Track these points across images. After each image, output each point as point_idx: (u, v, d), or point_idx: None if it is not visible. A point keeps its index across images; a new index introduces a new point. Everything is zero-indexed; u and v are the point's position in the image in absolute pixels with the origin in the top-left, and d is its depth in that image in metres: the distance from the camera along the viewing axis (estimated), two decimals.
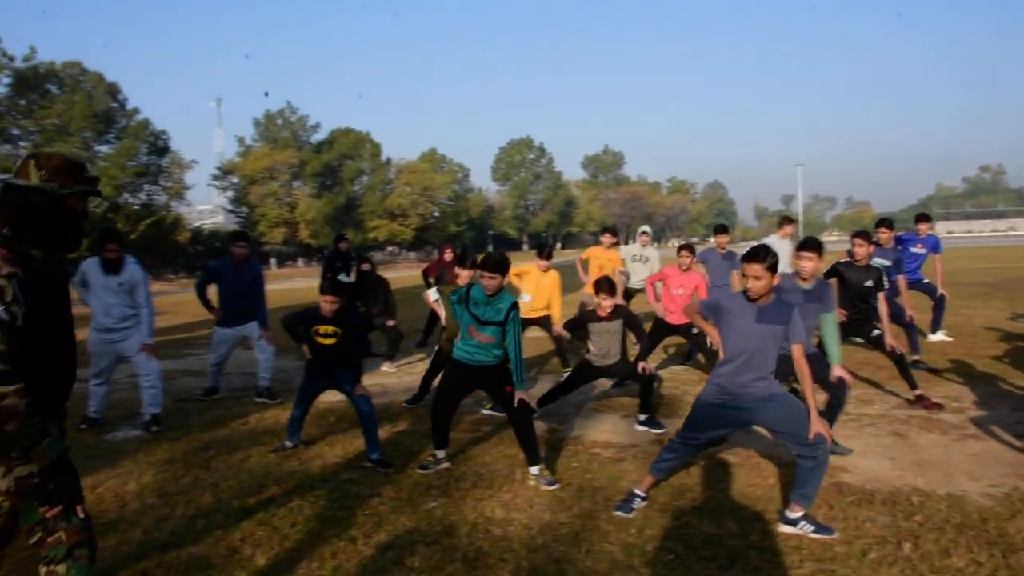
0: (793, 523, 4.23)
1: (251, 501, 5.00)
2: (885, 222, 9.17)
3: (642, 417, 6.61)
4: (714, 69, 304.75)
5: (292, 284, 36.99)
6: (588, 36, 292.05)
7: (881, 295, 6.85)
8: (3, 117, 45.22)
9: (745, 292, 4.41)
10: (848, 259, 7.07)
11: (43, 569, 2.78)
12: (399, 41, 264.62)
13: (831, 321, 5.61)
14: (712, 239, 10.45)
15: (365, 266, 11.10)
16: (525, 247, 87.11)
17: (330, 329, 5.94)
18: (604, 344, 6.72)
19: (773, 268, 4.32)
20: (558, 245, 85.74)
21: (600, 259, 10.97)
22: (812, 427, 4.20)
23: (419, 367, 9.96)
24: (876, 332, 6.93)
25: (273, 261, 62.91)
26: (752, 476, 5.22)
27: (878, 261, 8.02)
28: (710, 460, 5.54)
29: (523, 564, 3.88)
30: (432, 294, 7.73)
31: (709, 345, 7.91)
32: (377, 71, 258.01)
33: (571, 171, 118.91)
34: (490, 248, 57.01)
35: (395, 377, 9.69)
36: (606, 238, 11.25)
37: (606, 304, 6.59)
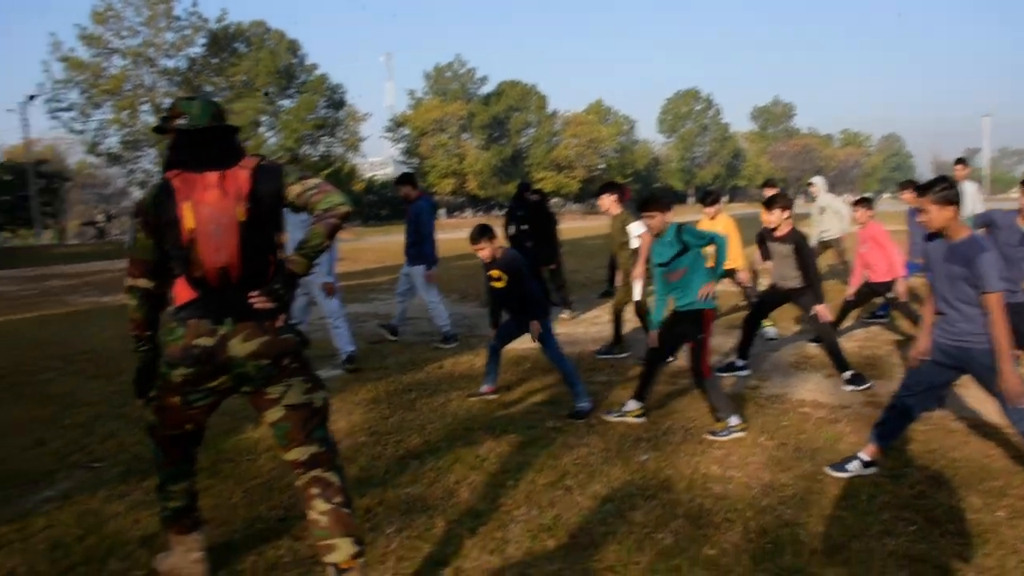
0: None
1: (459, 444, 5.06)
2: None
3: (847, 375, 6.24)
4: (889, 11, 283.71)
5: (461, 234, 37.73)
6: None
7: None
8: (199, 75, 48.23)
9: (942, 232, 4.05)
10: None
11: (316, 473, 2.99)
12: None
13: None
14: (900, 195, 9.62)
15: (533, 196, 10.97)
16: (691, 200, 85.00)
17: (496, 273, 5.92)
18: (778, 267, 6.58)
19: (944, 200, 3.92)
20: (725, 198, 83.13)
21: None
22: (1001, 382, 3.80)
23: (604, 317, 9.86)
24: None
25: (443, 211, 64.42)
26: (986, 446, 4.79)
27: None
28: (936, 426, 5.14)
29: (751, 525, 3.71)
30: (636, 227, 7.49)
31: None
32: (543, 21, 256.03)
33: (739, 123, 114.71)
34: None
35: (581, 326, 9.66)
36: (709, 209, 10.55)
37: (770, 219, 6.49)
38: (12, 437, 5.72)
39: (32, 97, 44.75)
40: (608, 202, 7.84)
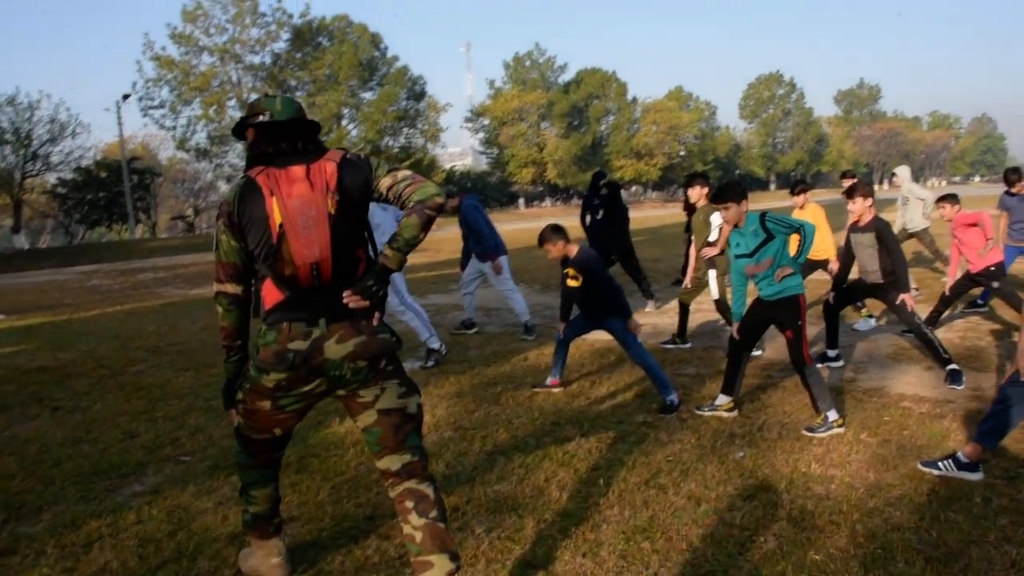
0: None
1: (547, 440, 4.98)
2: None
3: (948, 368, 5.91)
4: None
5: (540, 223, 37.65)
6: None
7: None
8: (283, 70, 49.30)
9: None
10: None
11: (410, 484, 2.88)
12: None
13: None
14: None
15: (604, 190, 10.86)
16: (772, 187, 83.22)
17: (572, 271, 5.79)
18: (861, 259, 6.29)
19: None
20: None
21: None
22: None
23: (674, 305, 9.65)
24: None
25: (521, 201, 64.45)
26: None
27: None
28: None
29: (858, 529, 3.53)
30: (717, 218, 7.27)
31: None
32: (622, 7, 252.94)
33: (823, 107, 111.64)
34: None
35: (666, 316, 9.50)
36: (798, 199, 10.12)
37: (853, 208, 6.22)
38: (106, 429, 5.85)
39: (126, 96, 46.34)
40: (697, 194, 7.65)
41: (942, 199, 7.41)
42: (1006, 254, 8.33)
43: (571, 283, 5.80)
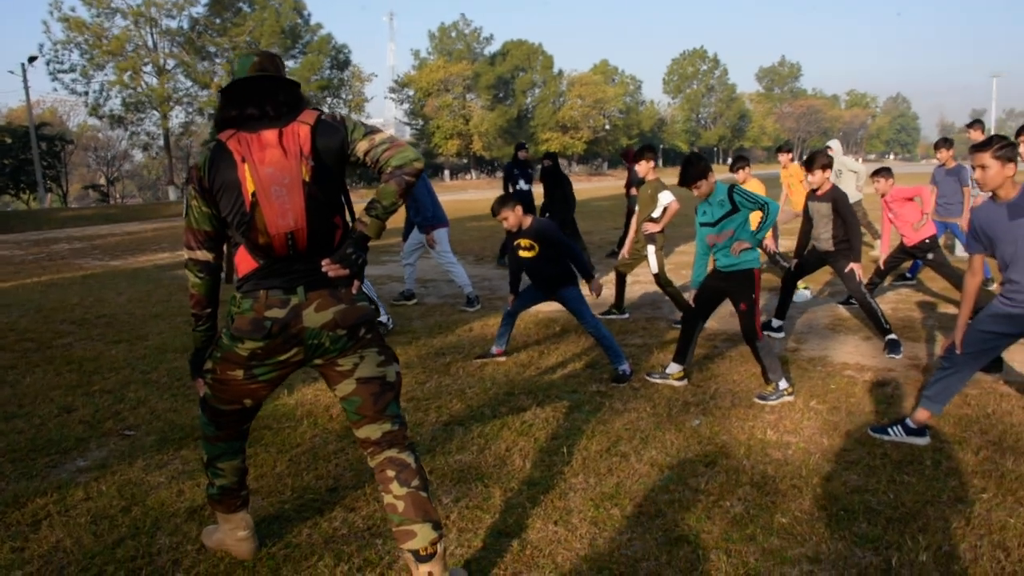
0: None
1: (503, 410, 4.96)
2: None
3: (887, 339, 6.11)
4: None
5: (466, 195, 37.59)
6: None
7: None
8: (202, 36, 47.76)
9: (993, 196, 3.99)
10: None
11: (391, 453, 2.82)
12: None
13: None
14: (937, 155, 9.42)
15: (547, 162, 11.10)
16: None
17: (526, 242, 5.77)
18: (816, 227, 6.49)
19: (1006, 157, 3.86)
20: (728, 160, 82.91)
21: (788, 178, 10.27)
22: None
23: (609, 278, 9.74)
24: None
25: (447, 173, 64.07)
26: None
27: None
28: (987, 391, 5.04)
29: (819, 492, 3.61)
30: (665, 196, 7.33)
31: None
32: None
33: (745, 84, 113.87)
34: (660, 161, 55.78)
35: (604, 289, 9.55)
36: (782, 157, 10.50)
37: (813, 180, 6.36)
38: (39, 404, 5.59)
39: (32, 59, 44.24)
40: (646, 167, 7.67)
41: (876, 173, 7.58)
42: (937, 228, 8.60)
43: (524, 254, 5.75)
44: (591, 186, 51.64)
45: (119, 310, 9.64)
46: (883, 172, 7.52)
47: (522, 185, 11.65)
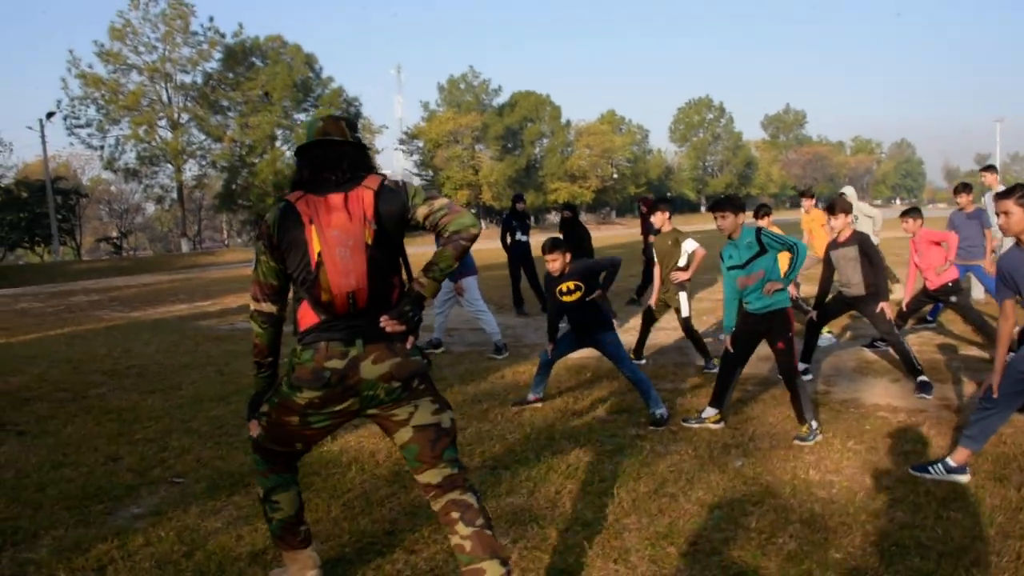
0: None
1: (546, 454, 5.06)
2: None
3: (918, 381, 6.20)
4: (902, 20, 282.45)
5: (476, 246, 37.80)
6: None
7: None
8: (215, 90, 48.71)
9: (1017, 243, 4.18)
10: None
11: (453, 496, 2.93)
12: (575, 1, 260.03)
13: None
14: (957, 199, 9.59)
15: (567, 213, 11.33)
16: (703, 209, 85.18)
17: (570, 285, 5.90)
18: (844, 273, 6.62)
19: None
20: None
21: (810, 223, 10.48)
22: None
23: (635, 324, 9.87)
24: None
25: None
26: None
27: None
28: (1020, 429, 5.12)
29: (869, 528, 3.70)
30: (690, 244, 7.55)
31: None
32: (556, 33, 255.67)
33: (751, 131, 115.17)
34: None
35: (627, 335, 9.65)
36: (806, 202, 10.80)
37: (835, 224, 6.56)
38: (84, 453, 5.70)
39: (51, 115, 45.11)
40: (661, 219, 7.87)
41: (905, 213, 7.70)
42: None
43: (567, 299, 5.90)
44: (600, 234, 51.95)
45: (148, 361, 9.80)
46: (912, 212, 7.62)
47: (520, 236, 11.95)
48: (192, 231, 53.85)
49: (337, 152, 2.90)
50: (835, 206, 6.52)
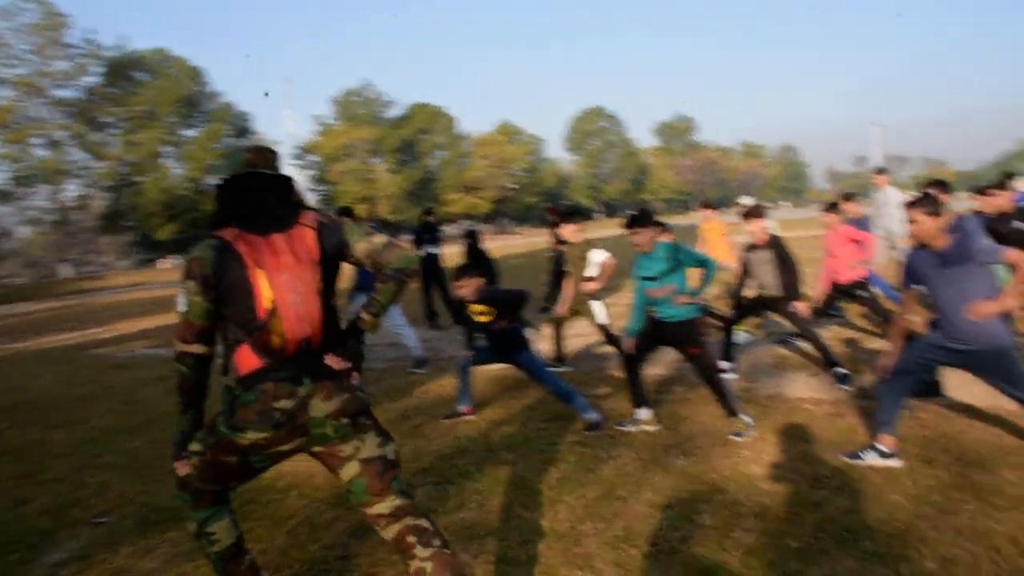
0: None
1: (488, 466, 5.03)
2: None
3: (837, 373, 6.45)
4: (784, 23, 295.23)
5: None
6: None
7: None
8: (96, 106, 46.74)
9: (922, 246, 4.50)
10: None
11: (406, 521, 2.85)
12: (467, 13, 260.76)
13: None
14: (843, 206, 10.01)
15: (468, 239, 11.33)
16: (596, 215, 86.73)
17: (483, 307, 5.98)
18: (759, 275, 6.90)
19: (935, 212, 4.35)
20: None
21: (712, 232, 10.82)
22: None
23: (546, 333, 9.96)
24: None
25: None
26: (986, 426, 5.05)
27: None
28: (934, 413, 5.39)
29: (818, 516, 3.82)
30: (598, 255, 7.70)
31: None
32: (447, 44, 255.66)
33: (644, 139, 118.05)
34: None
35: (543, 344, 9.73)
36: (707, 212, 11.19)
37: (751, 230, 6.82)
38: None
39: None
40: (570, 231, 7.97)
41: (829, 208, 8.01)
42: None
43: (481, 319, 5.97)
44: (496, 245, 52.15)
45: (43, 394, 9.27)
46: (832, 207, 7.96)
47: (430, 249, 11.97)
48: (73, 255, 51.29)
49: (266, 186, 2.80)
50: (750, 214, 6.77)
